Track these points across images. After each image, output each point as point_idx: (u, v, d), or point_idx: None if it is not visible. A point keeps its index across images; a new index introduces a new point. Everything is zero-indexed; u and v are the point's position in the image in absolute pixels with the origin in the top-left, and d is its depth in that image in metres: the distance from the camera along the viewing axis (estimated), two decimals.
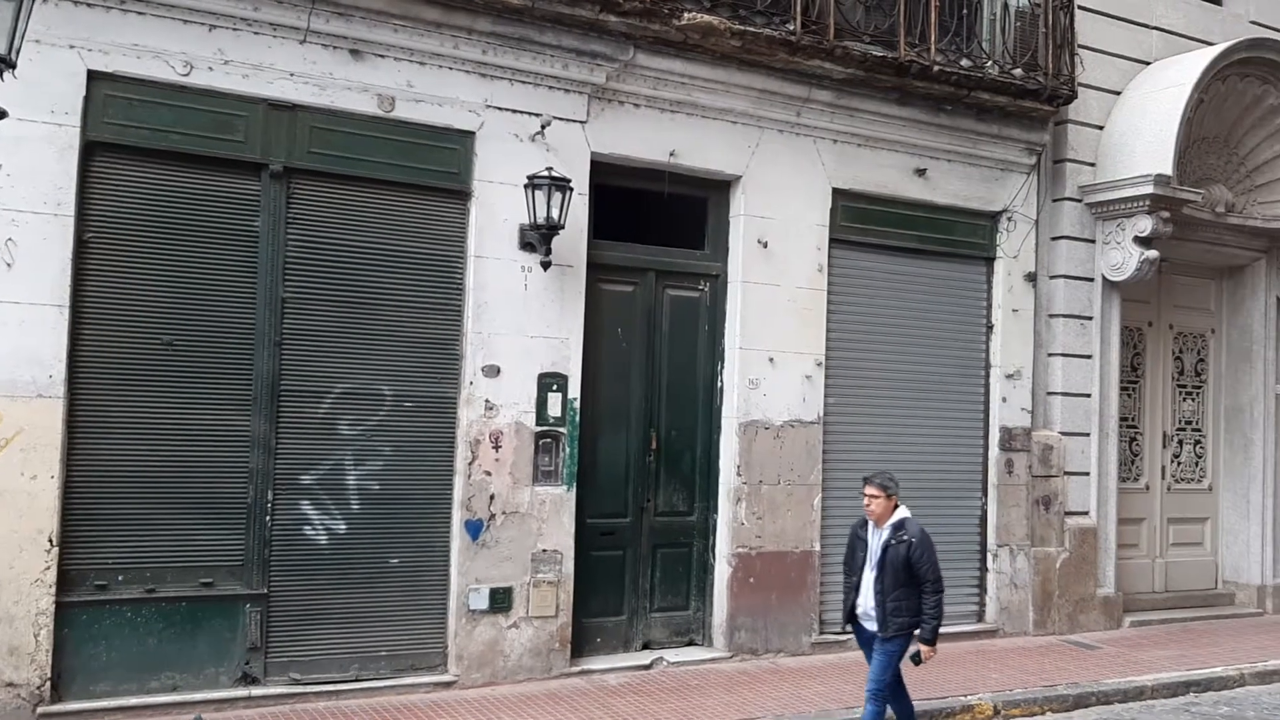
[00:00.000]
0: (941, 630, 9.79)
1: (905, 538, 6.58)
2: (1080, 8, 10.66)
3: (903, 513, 6.72)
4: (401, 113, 7.87)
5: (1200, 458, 12.34)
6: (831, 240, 9.66)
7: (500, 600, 8.09)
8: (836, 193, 9.66)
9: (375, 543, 7.83)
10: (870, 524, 6.78)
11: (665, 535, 9.09)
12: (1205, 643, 10.33)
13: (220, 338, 7.39)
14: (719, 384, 9.23)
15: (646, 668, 8.65)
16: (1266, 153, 11.69)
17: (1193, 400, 12.31)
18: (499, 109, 8.20)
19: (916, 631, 6.67)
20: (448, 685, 7.88)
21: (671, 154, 8.92)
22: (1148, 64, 11.19)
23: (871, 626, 6.74)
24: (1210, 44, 11.27)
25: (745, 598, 9.07)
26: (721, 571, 9.10)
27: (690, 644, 9.14)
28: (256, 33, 7.39)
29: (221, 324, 7.40)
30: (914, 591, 6.60)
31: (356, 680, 7.64)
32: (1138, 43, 11.25)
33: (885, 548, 6.62)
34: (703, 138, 9.03)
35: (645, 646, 8.94)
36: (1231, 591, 12.15)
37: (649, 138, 8.83)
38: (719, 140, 9.10)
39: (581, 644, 8.59)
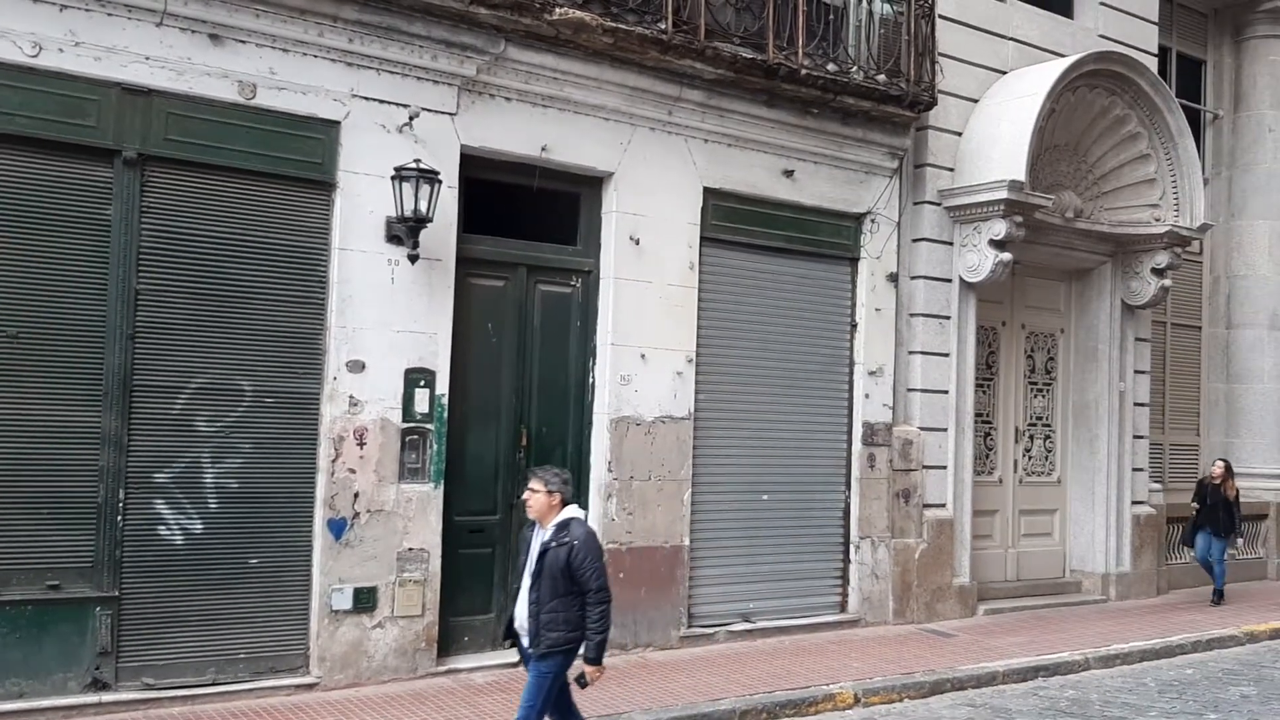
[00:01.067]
0: (805, 621, 10.13)
1: (567, 540, 5.71)
2: (941, 17, 11.01)
3: (570, 512, 5.86)
4: (264, 100, 7.65)
5: (1050, 452, 12.89)
6: (703, 238, 9.79)
7: (364, 600, 7.95)
8: (708, 192, 9.78)
9: (234, 543, 7.60)
10: (537, 524, 5.91)
11: None
12: (1054, 629, 10.80)
13: (69, 330, 7.08)
14: (591, 380, 9.25)
15: (515, 665, 8.56)
16: (1112, 161, 12.28)
17: (1043, 397, 12.86)
18: (366, 99, 8.05)
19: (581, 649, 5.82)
20: (309, 687, 7.71)
21: (543, 149, 8.89)
22: (1004, 73, 11.63)
23: (525, 641, 5.88)
24: (1062, 56, 11.79)
25: (616, 593, 9.05)
26: None
27: None
28: (110, 14, 7.09)
29: (70, 316, 7.08)
30: (575, 602, 5.72)
31: (214, 684, 7.41)
32: (995, 52, 11.69)
33: (544, 550, 5.74)
34: (575, 133, 9.03)
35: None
36: (1078, 579, 12.73)
37: (521, 132, 8.79)
38: (591, 136, 9.11)
39: (449, 643, 8.51)
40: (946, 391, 11.27)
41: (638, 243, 9.30)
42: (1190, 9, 15.28)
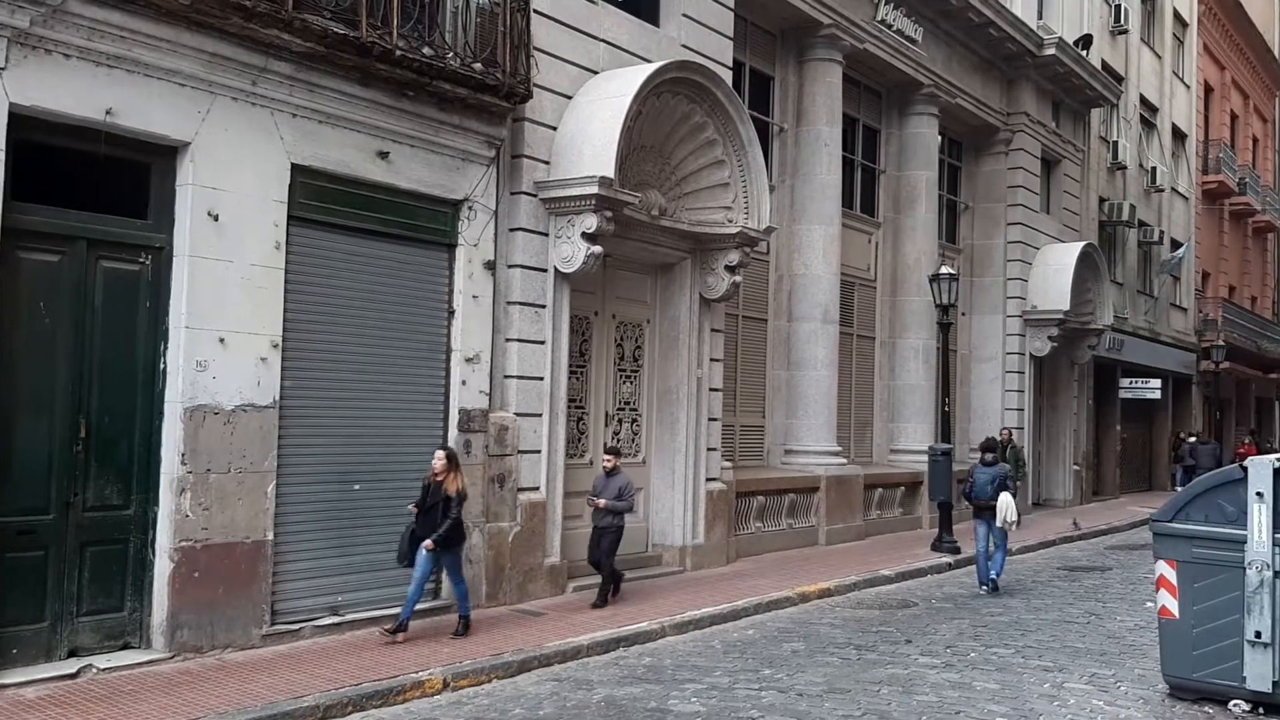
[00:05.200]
0: (397, 610, 9.99)
1: None
2: (536, 12, 11.27)
3: None
4: None
5: (637, 434, 13.63)
6: (291, 218, 9.38)
7: None
8: (296, 169, 9.38)
9: None
10: None
11: (96, 532, 8.29)
12: (636, 601, 11.44)
13: None
14: (162, 366, 8.59)
15: (73, 676, 7.83)
16: (692, 164, 13.18)
17: (631, 383, 13.57)
18: None
19: None
20: None
21: (109, 113, 8.14)
22: (596, 73, 12.12)
23: None
24: (650, 61, 12.47)
25: (189, 594, 8.53)
26: (162, 568, 8.48)
27: (126, 647, 8.44)
28: None
29: None
30: None
31: None
32: (587, 52, 12.14)
33: None
34: (146, 98, 8.34)
35: (72, 654, 8.10)
36: (660, 553, 13.59)
37: (83, 93, 7.99)
38: (164, 102, 8.45)
39: None
40: (542, 378, 11.58)
41: (217, 219, 8.74)
42: (761, 28, 16.71)
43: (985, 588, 13.22)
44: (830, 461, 16.81)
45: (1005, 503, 13.07)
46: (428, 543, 9.28)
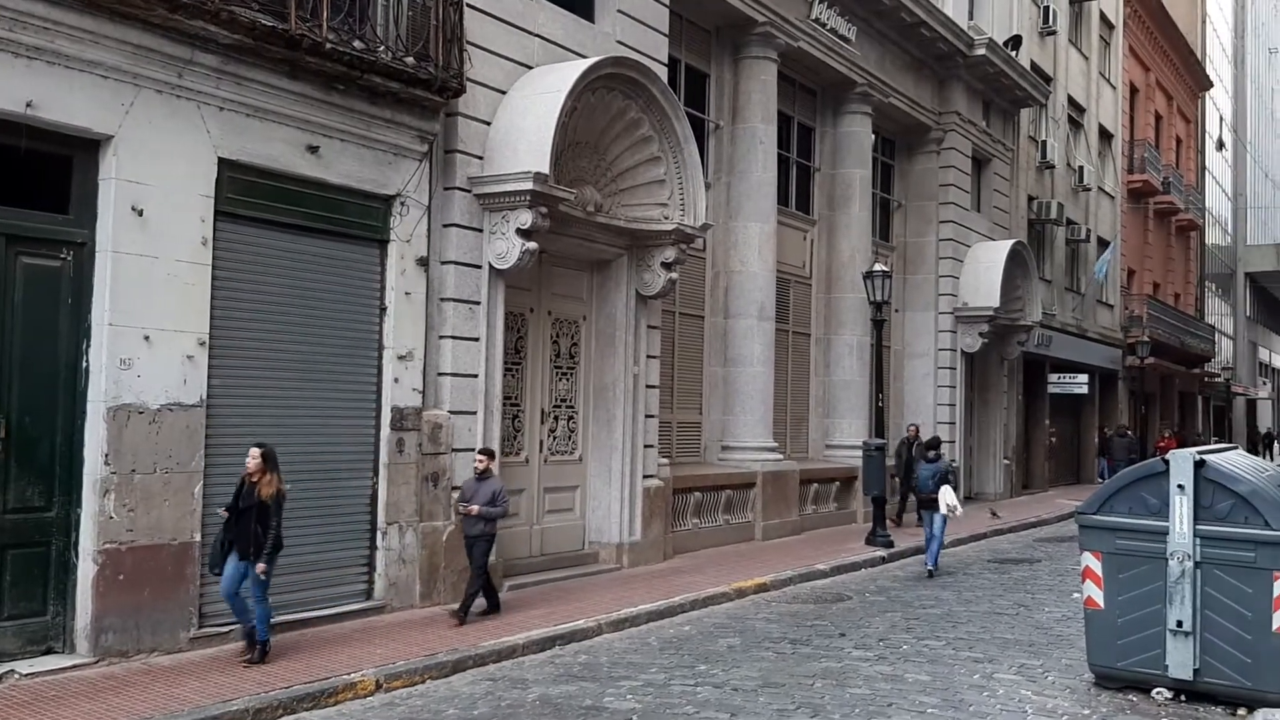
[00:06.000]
0: (330, 611, 9.89)
1: None
2: (469, 6, 11.17)
3: None
4: None
5: (573, 432, 13.60)
6: (218, 213, 9.20)
7: None
8: (224, 163, 9.20)
9: None
10: None
11: (16, 535, 8.07)
12: (572, 599, 11.41)
13: None
14: (84, 364, 8.38)
15: None
16: (628, 161, 13.17)
17: (567, 380, 13.54)
18: None
19: None
20: None
21: (29, 105, 7.93)
22: (531, 68, 12.06)
23: None
24: (584, 57, 12.43)
25: (114, 597, 8.34)
26: (86, 571, 8.28)
27: (49, 652, 8.23)
28: None
29: None
30: None
31: None
32: (522, 47, 12.07)
33: None
34: (68, 90, 8.13)
35: None
36: (596, 550, 13.57)
37: (3, 85, 7.78)
38: (87, 95, 8.24)
39: None
40: (476, 376, 11.50)
41: (142, 214, 8.54)
42: (697, 25, 16.75)
43: (929, 568, 14.31)
44: (766, 457, 16.92)
45: (945, 495, 14.13)
46: (260, 567, 8.31)
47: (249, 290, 9.55)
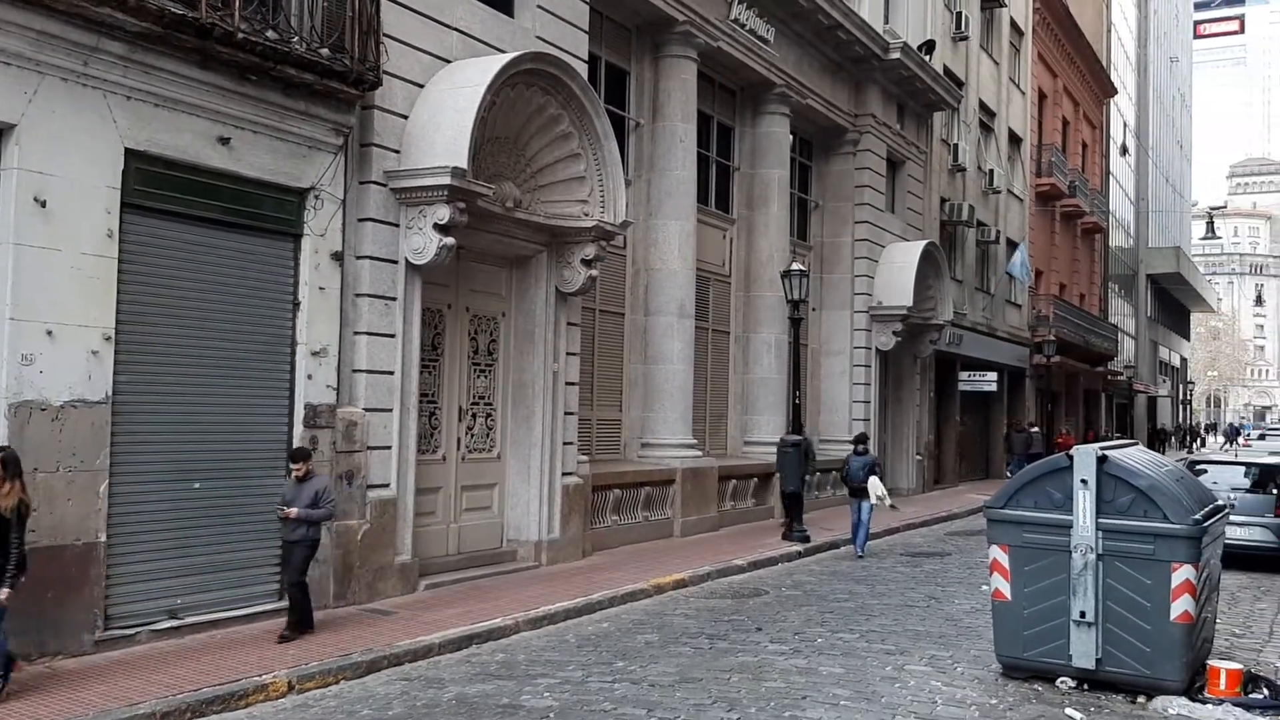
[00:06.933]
0: (241, 612, 9.73)
1: None
2: None
3: None
4: None
5: (491, 429, 13.52)
6: (126, 205, 8.97)
7: None
8: (132, 154, 8.97)
9: None
10: None
11: None
12: (490, 598, 11.35)
13: None
14: None
15: None
16: (548, 157, 13.13)
17: (485, 377, 13.45)
18: None
19: None
20: None
21: None
22: (449, 62, 11.95)
23: None
24: (504, 52, 12.37)
25: (15, 599, 8.04)
26: None
27: None
28: None
29: None
30: None
31: None
32: (440, 41, 11.95)
33: None
34: None
35: None
36: (515, 548, 13.51)
37: None
38: None
39: None
40: (392, 372, 11.37)
41: (45, 205, 8.29)
42: (617, 23, 16.76)
43: (857, 552, 15.69)
44: (686, 454, 17.01)
45: (873, 485, 15.60)
46: (4, 594, 7.29)
47: (158, 284, 9.32)
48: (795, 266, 17.53)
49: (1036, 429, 32.55)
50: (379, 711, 7.67)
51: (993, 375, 30.49)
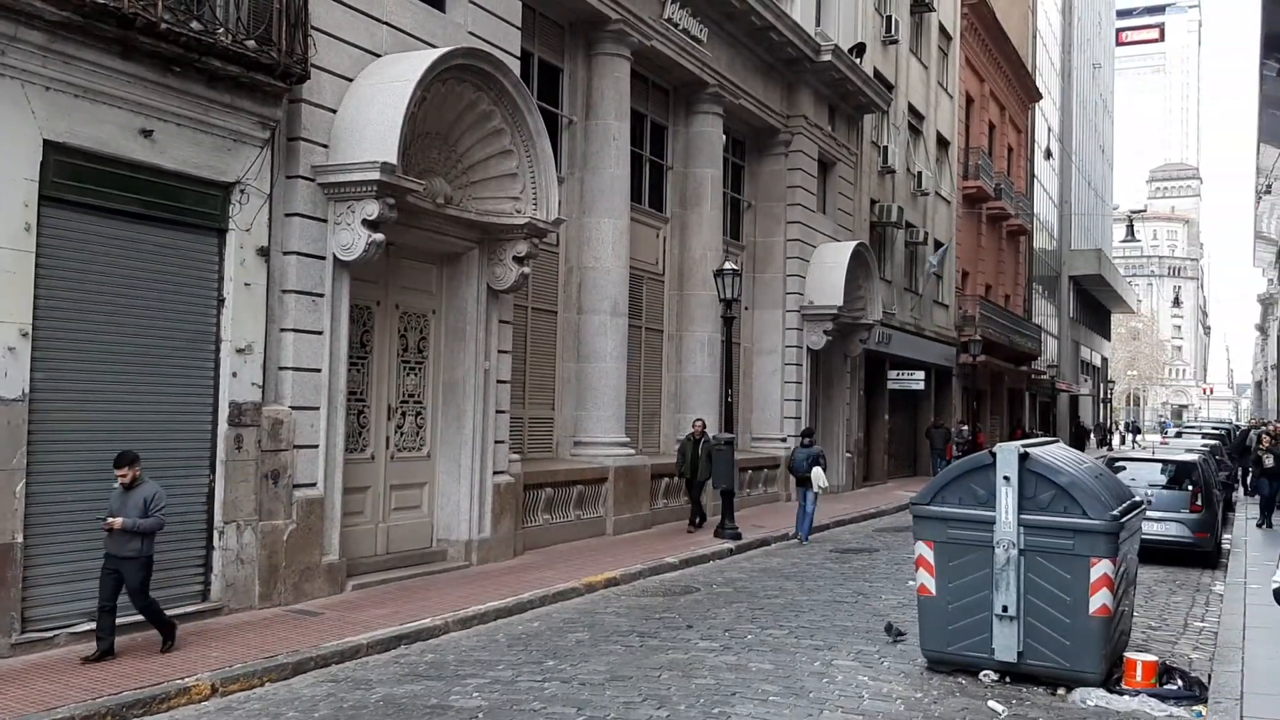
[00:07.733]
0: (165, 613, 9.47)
1: None
2: None
3: None
4: None
5: (421, 428, 13.40)
6: (44, 198, 8.74)
7: None
8: (50, 146, 8.75)
9: None
10: None
11: None
12: (419, 598, 11.25)
13: None
14: None
15: None
16: (479, 153, 13.04)
17: (415, 375, 13.33)
18: None
19: None
20: None
21: None
22: (379, 56, 11.81)
23: None
24: (435, 46, 12.25)
25: None
26: None
27: None
28: None
29: None
30: None
31: None
32: (370, 35, 11.81)
33: None
34: None
35: None
36: (444, 548, 13.40)
37: None
38: None
39: None
40: (319, 370, 11.22)
41: None
42: (550, 20, 16.72)
43: (802, 538, 17.04)
44: (619, 452, 17.02)
45: (816, 474, 16.76)
46: None
47: (78, 279, 9.10)
48: (728, 266, 17.63)
49: (966, 427, 33.15)
50: (305, 714, 7.57)
51: (920, 374, 30.98)
